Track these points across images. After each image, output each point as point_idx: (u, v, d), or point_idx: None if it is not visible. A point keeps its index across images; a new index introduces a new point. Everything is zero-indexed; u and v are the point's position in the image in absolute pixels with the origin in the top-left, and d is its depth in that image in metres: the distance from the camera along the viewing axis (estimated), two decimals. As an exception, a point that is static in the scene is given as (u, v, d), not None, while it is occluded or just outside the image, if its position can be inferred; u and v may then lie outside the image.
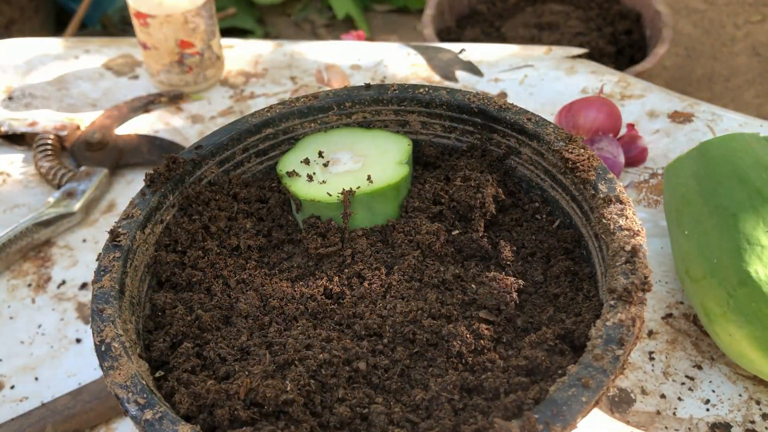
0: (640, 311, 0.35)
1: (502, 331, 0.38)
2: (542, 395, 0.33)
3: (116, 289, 0.39)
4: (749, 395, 0.52)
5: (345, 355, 0.37)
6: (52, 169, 0.73)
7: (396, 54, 0.88)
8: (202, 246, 0.45)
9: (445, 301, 0.40)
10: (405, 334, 0.38)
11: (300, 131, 0.50)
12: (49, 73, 0.88)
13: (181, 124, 0.80)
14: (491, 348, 0.37)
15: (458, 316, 0.39)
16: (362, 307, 0.40)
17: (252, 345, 0.39)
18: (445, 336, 0.37)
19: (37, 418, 0.52)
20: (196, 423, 0.34)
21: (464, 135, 0.49)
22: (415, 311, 0.39)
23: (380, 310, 0.40)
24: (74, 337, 0.59)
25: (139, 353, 0.37)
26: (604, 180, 0.41)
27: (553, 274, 0.42)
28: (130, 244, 0.42)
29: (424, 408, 0.34)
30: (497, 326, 0.39)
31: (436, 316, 0.39)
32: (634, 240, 0.37)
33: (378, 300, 0.41)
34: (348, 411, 0.34)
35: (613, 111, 0.71)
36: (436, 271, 0.42)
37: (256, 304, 0.41)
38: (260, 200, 0.49)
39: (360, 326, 0.39)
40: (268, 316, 0.41)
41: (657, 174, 0.70)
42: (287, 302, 0.41)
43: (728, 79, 1.74)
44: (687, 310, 0.58)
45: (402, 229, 0.44)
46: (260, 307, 0.41)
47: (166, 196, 0.45)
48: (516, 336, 0.38)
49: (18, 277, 0.65)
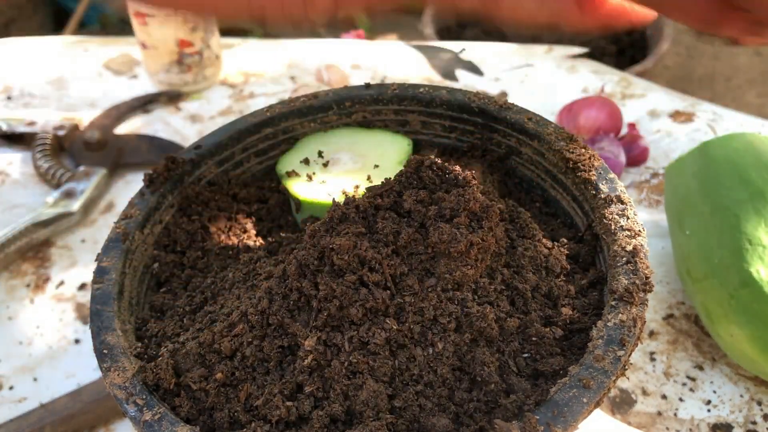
0: (642, 312, 0.34)
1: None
2: (543, 396, 0.33)
3: (115, 289, 0.39)
4: (750, 396, 0.52)
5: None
6: (50, 169, 0.72)
7: (396, 53, 0.88)
8: (201, 246, 0.45)
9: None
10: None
11: (300, 131, 0.50)
12: (48, 73, 0.88)
13: (180, 124, 0.80)
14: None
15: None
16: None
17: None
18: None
19: (36, 419, 0.52)
20: (195, 425, 0.34)
21: (465, 135, 0.48)
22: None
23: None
24: (73, 338, 0.59)
25: (138, 354, 0.37)
26: (605, 180, 0.41)
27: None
28: (129, 244, 0.42)
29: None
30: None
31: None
32: (635, 240, 0.37)
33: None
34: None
35: (614, 110, 0.71)
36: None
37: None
38: (260, 200, 0.49)
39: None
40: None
41: (658, 174, 0.70)
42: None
43: (729, 78, 1.74)
44: (688, 310, 0.58)
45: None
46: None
47: (165, 196, 0.45)
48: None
49: (17, 278, 0.64)
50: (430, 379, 0.34)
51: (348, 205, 0.37)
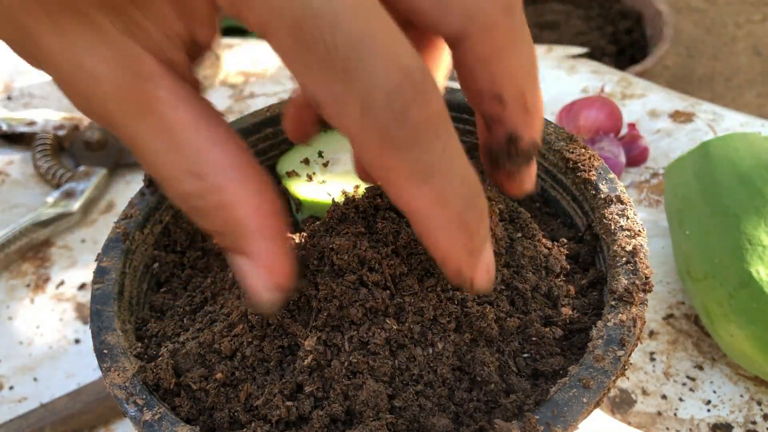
0: (641, 312, 0.34)
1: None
2: (543, 396, 0.33)
3: (115, 289, 0.39)
4: (750, 396, 0.52)
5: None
6: (50, 169, 0.72)
7: (396, 53, 0.88)
8: (201, 246, 0.45)
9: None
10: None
11: (300, 131, 0.50)
12: (49, 73, 0.88)
13: (180, 124, 0.80)
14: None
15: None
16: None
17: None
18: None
19: (36, 419, 0.52)
20: (195, 425, 0.34)
21: (464, 135, 0.48)
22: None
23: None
24: (73, 338, 0.59)
25: (138, 353, 0.37)
26: (605, 180, 0.41)
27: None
28: (129, 244, 0.42)
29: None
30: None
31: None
32: (635, 240, 0.37)
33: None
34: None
35: (613, 111, 0.71)
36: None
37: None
38: (260, 200, 0.49)
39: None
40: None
41: (658, 174, 0.70)
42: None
43: (729, 78, 1.74)
44: (688, 310, 0.58)
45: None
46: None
47: (165, 196, 0.45)
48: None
49: (17, 278, 0.64)
50: (430, 378, 0.34)
51: (348, 204, 0.37)
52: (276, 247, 0.26)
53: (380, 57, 0.21)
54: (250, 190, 0.25)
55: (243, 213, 0.25)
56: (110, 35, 0.23)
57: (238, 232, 0.26)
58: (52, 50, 0.24)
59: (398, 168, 0.23)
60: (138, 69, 0.23)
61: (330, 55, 0.21)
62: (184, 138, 0.24)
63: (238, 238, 0.26)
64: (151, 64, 0.24)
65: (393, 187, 0.24)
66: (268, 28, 0.22)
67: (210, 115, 0.25)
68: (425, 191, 0.24)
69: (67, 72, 0.24)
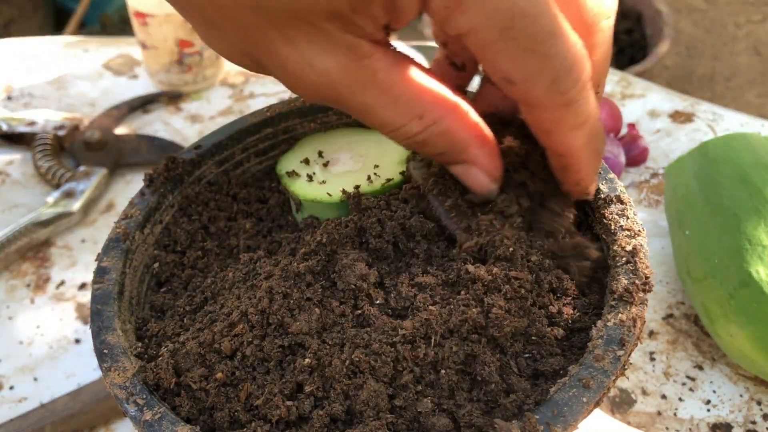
0: (641, 312, 0.34)
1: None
2: (543, 396, 0.33)
3: (115, 289, 0.39)
4: (750, 396, 0.52)
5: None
6: (51, 169, 0.72)
7: (396, 53, 0.88)
8: (201, 246, 0.45)
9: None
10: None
11: (300, 131, 0.50)
12: (48, 73, 0.88)
13: (180, 124, 0.80)
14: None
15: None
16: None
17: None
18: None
19: (36, 419, 0.52)
20: (195, 425, 0.34)
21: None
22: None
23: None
24: (73, 338, 0.59)
25: (138, 353, 0.37)
26: (605, 180, 0.41)
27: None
28: (130, 244, 0.42)
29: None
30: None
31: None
32: (635, 240, 0.37)
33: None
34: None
35: (613, 110, 0.71)
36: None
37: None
38: (260, 200, 0.49)
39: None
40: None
41: (658, 174, 0.70)
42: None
43: (729, 78, 1.74)
44: (688, 310, 0.58)
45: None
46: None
47: (165, 196, 0.45)
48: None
49: (17, 278, 0.64)
50: (431, 378, 0.34)
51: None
52: (489, 150, 0.34)
53: (566, 41, 0.29)
54: (459, 114, 0.32)
55: (460, 133, 0.32)
56: (335, 36, 0.29)
57: (459, 147, 0.33)
58: (280, 56, 0.29)
59: (566, 119, 0.31)
60: (357, 53, 0.29)
61: (530, 42, 0.28)
62: (401, 93, 0.31)
63: (460, 153, 0.33)
64: (366, 46, 0.30)
65: (556, 135, 0.33)
66: (477, 29, 0.28)
67: (412, 66, 0.31)
68: (580, 135, 0.32)
69: (295, 71, 0.30)
